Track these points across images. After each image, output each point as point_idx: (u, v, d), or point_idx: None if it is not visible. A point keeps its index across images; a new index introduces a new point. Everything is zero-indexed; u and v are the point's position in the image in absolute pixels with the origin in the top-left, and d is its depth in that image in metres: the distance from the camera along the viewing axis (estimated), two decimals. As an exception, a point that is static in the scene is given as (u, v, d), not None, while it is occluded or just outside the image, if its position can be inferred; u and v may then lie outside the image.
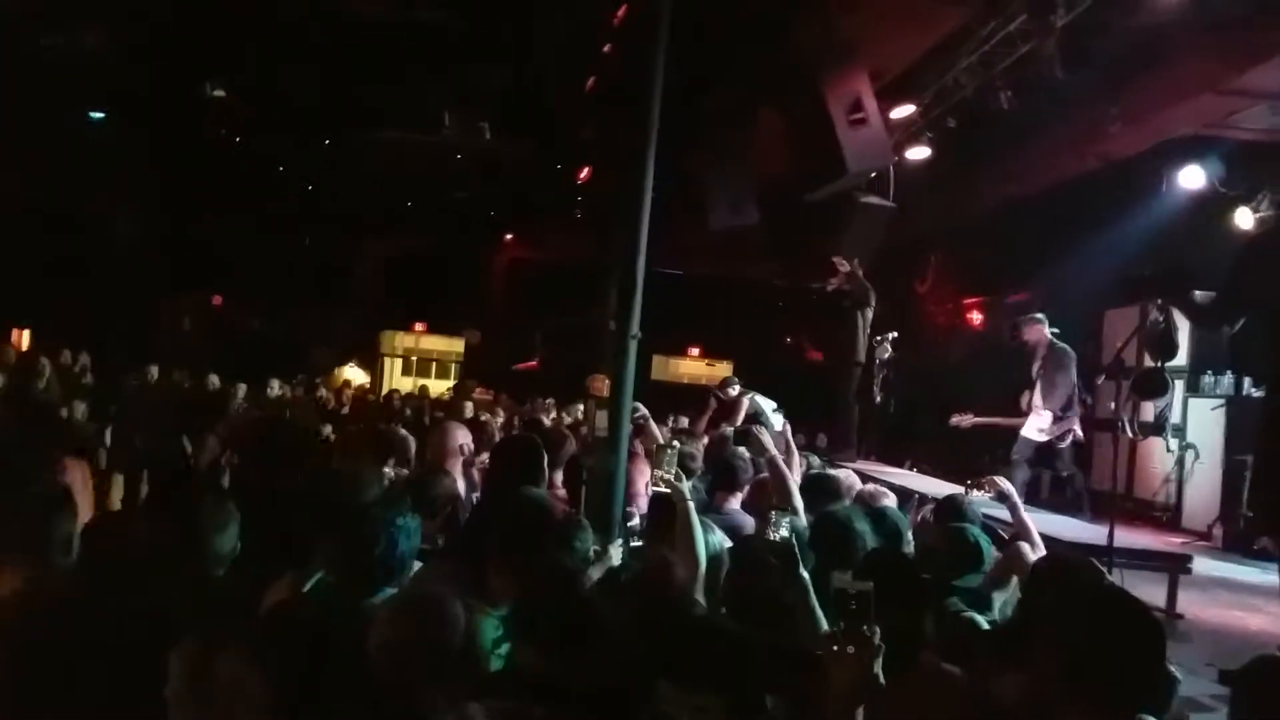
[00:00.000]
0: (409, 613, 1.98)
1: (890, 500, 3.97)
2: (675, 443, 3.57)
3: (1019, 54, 6.99)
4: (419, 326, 18.32)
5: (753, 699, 1.98)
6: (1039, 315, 7.45)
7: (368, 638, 1.96)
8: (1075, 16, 6.50)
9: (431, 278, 16.76)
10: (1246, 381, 7.32)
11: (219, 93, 11.67)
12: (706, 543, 3.09)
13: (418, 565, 2.63)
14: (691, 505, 3.07)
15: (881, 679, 1.78)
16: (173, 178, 13.15)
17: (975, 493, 4.02)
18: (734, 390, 9.43)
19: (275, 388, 10.00)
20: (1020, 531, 3.77)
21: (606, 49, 7.30)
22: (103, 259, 13.81)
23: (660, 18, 3.83)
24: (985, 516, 4.19)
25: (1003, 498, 3.88)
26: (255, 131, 12.81)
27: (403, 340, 18.53)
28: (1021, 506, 3.90)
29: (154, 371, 8.99)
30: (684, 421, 8.57)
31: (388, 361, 18.41)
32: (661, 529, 3.22)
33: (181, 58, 10.54)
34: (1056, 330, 7.31)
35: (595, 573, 2.95)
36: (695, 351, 17.28)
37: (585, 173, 11.67)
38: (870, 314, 8.64)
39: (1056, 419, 7.03)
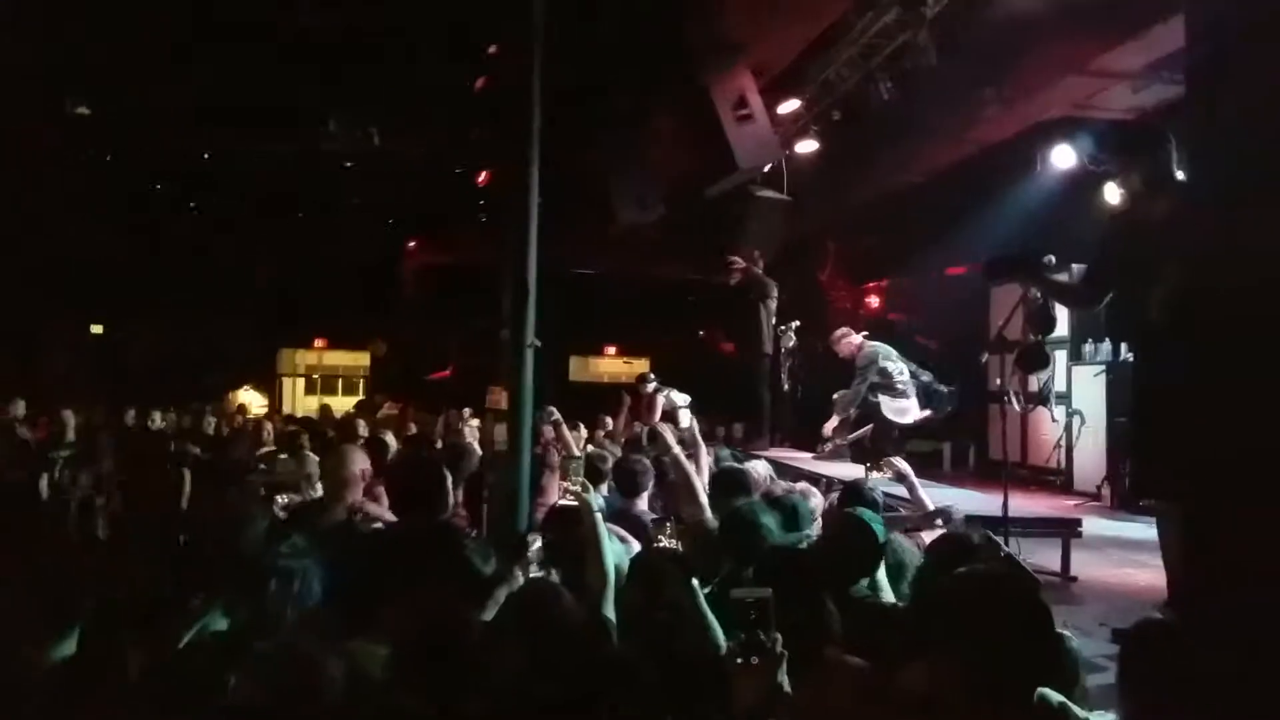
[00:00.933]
0: (274, 666, 1.88)
1: (765, 482, 4.01)
2: (578, 453, 3.54)
3: (895, 45, 7.19)
4: (320, 342, 17.72)
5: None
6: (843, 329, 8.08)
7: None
8: (946, 6, 6.72)
9: (330, 290, 16.24)
10: (1123, 348, 7.72)
11: (82, 110, 11.03)
12: (627, 551, 3.07)
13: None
14: (599, 517, 3.03)
15: (787, 688, 1.77)
16: (42, 202, 12.39)
17: (874, 474, 4.14)
18: (650, 387, 9.48)
19: (157, 419, 9.53)
20: (918, 509, 3.89)
21: (492, 50, 7.18)
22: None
23: (536, 17, 3.79)
24: (887, 496, 4.31)
25: (901, 478, 4.00)
26: (127, 148, 12.17)
27: (304, 358, 17.88)
28: (919, 485, 4.02)
29: (19, 408, 8.41)
30: (609, 423, 8.55)
31: (287, 381, 17.76)
32: (568, 544, 3.17)
33: (39, 74, 9.93)
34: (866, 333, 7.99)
35: (501, 594, 2.89)
36: (612, 350, 17.26)
37: (484, 176, 11.49)
38: (773, 305, 8.80)
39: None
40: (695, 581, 2.52)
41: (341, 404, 15.79)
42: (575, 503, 3.00)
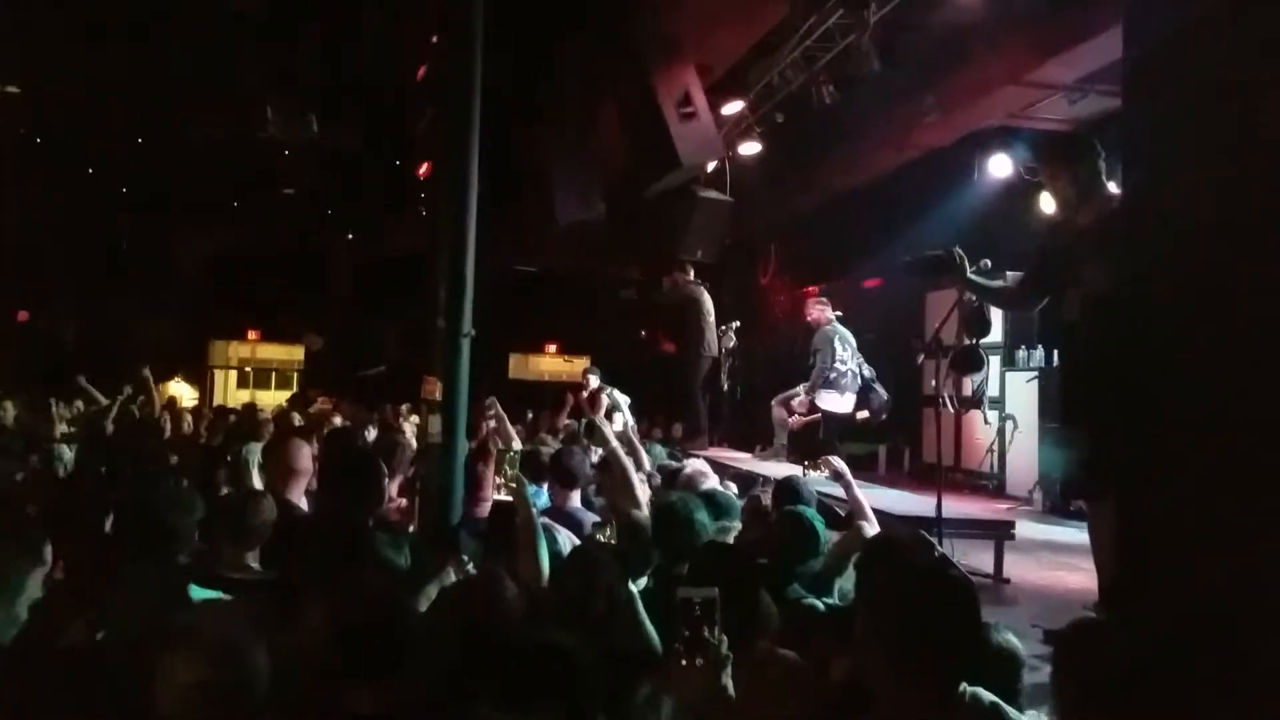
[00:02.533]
0: (194, 657, 1.79)
1: (712, 481, 3.99)
2: (516, 447, 3.47)
3: (838, 49, 7.25)
4: (253, 334, 17.25)
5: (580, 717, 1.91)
6: (823, 298, 8.12)
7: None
8: (888, 11, 6.80)
9: (266, 282, 15.79)
10: (1055, 354, 7.92)
11: (11, 89, 10.55)
12: (560, 545, 3.01)
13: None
14: (535, 513, 2.97)
15: (730, 690, 1.73)
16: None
17: (811, 473, 4.13)
18: (594, 380, 9.42)
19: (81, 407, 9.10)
20: (855, 508, 3.89)
21: (434, 39, 7.03)
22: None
23: (475, 8, 3.68)
24: (822, 495, 4.31)
25: (837, 476, 4.00)
26: (58, 130, 11.67)
27: (236, 350, 17.40)
28: (855, 484, 4.03)
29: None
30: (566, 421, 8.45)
31: (219, 374, 17.25)
32: (503, 538, 3.10)
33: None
34: (840, 314, 8.00)
35: (432, 590, 2.81)
36: (553, 348, 17.14)
37: (425, 168, 11.27)
38: (708, 310, 8.80)
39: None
40: (631, 581, 2.47)
41: (274, 398, 15.40)
42: (510, 498, 2.93)
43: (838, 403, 7.60)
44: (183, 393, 15.17)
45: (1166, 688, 1.50)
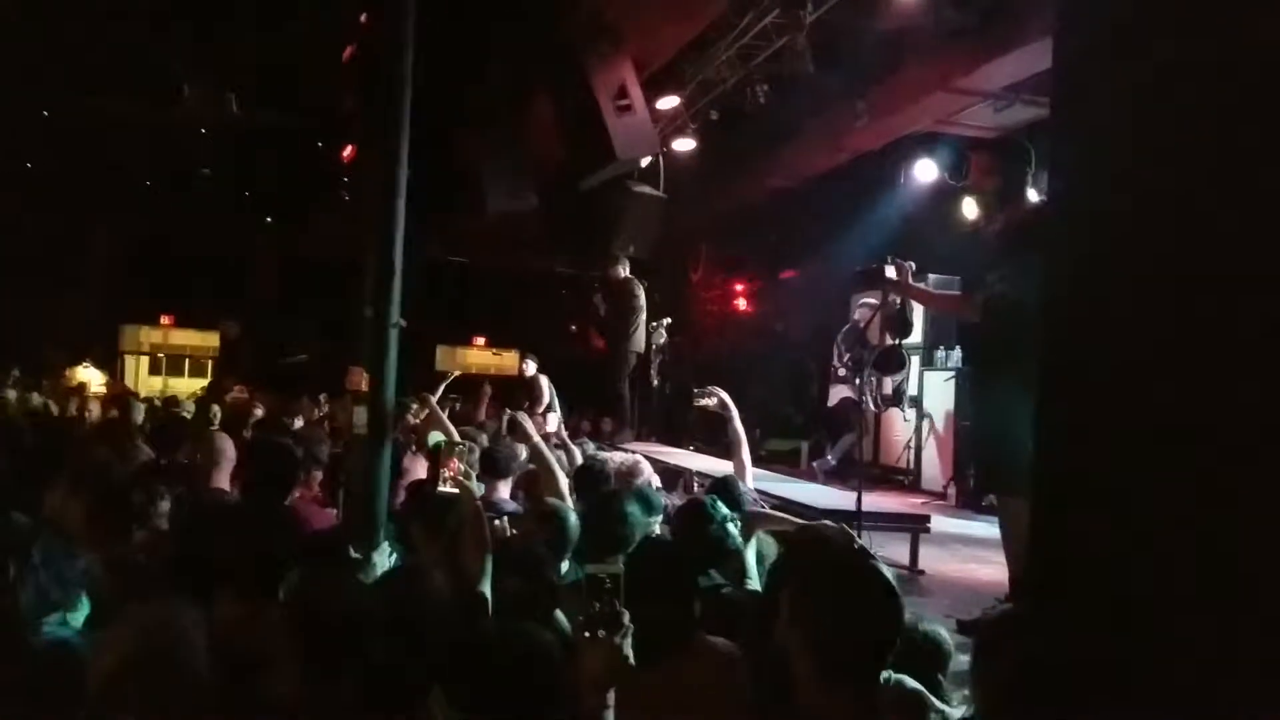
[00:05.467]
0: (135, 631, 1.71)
1: (647, 474, 4.01)
2: (438, 437, 3.40)
3: (773, 49, 7.33)
4: (166, 319, 16.57)
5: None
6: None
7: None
8: (824, 13, 6.91)
9: (179, 266, 15.19)
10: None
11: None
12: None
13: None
14: (479, 505, 2.93)
15: (631, 660, 1.76)
16: None
17: (701, 401, 4.26)
18: (531, 367, 9.32)
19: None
20: (733, 441, 4.01)
21: (363, 18, 6.86)
22: None
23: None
24: (762, 494, 4.36)
25: (724, 407, 4.11)
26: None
27: (148, 335, 16.69)
28: (737, 417, 4.13)
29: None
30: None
31: (130, 360, 16.53)
32: (430, 531, 3.04)
33: None
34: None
35: (358, 581, 2.74)
36: (481, 341, 16.93)
37: (349, 151, 10.99)
38: (641, 305, 8.77)
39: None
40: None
41: (188, 385, 14.85)
42: (456, 490, 2.88)
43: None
44: (92, 378, 14.51)
45: (1083, 675, 1.55)
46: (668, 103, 8.56)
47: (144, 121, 11.25)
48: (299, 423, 7.78)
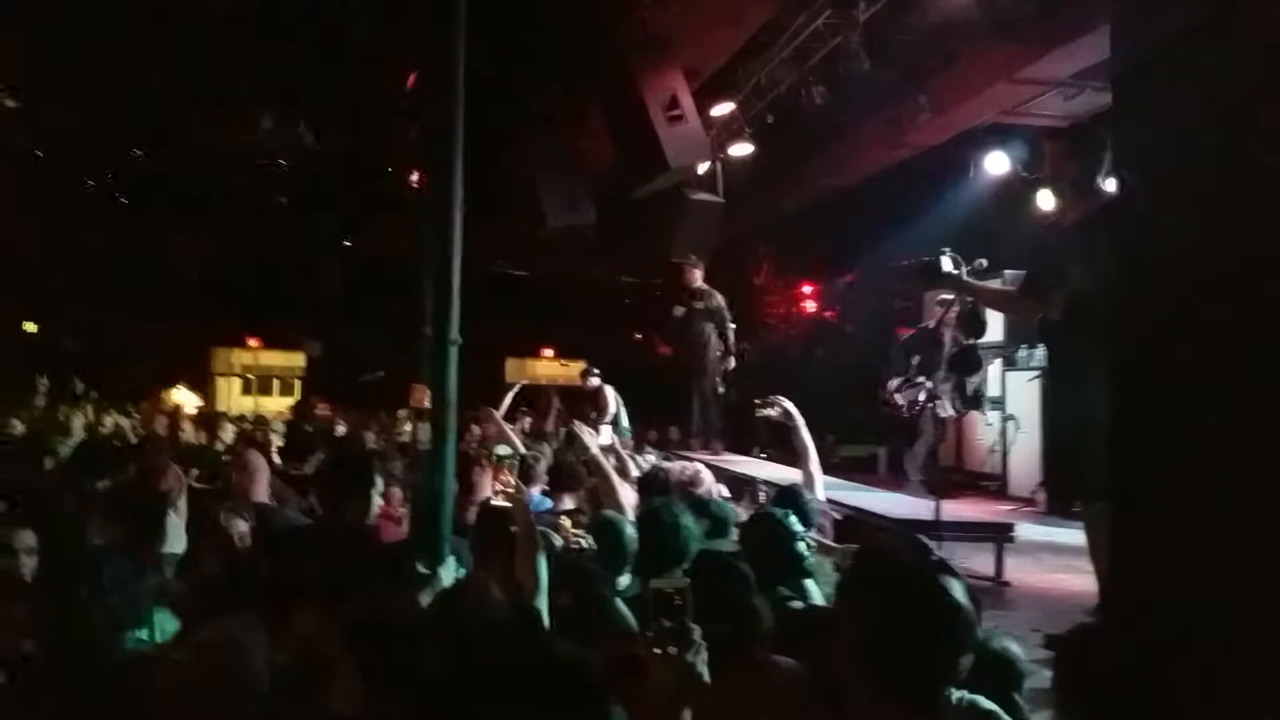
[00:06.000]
0: (201, 657, 1.75)
1: (708, 483, 3.95)
2: (504, 450, 3.41)
3: (828, 49, 7.22)
4: (254, 342, 17.27)
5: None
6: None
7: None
8: (877, 11, 6.76)
9: (266, 290, 15.82)
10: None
11: (9, 102, 10.54)
12: (549, 548, 2.97)
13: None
14: (532, 519, 2.93)
15: (706, 677, 1.72)
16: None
17: (764, 411, 4.15)
18: (594, 381, 9.34)
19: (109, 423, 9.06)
20: (800, 452, 3.90)
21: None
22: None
23: (457, 9, 3.64)
24: (833, 504, 4.27)
25: (788, 416, 3.99)
26: (55, 141, 11.67)
27: (240, 357, 17.44)
28: (803, 426, 4.00)
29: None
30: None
31: (223, 381, 17.27)
32: (493, 545, 3.06)
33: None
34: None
35: (424, 598, 2.78)
36: (549, 352, 17.12)
37: (417, 176, 11.26)
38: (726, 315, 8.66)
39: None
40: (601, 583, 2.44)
41: (277, 404, 15.42)
42: (508, 503, 2.89)
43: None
44: (186, 400, 15.18)
45: (1164, 694, 1.46)
46: (722, 108, 8.50)
47: (226, 153, 11.74)
48: (372, 438, 8.00)
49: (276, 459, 5.58)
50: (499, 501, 3.18)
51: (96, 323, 15.29)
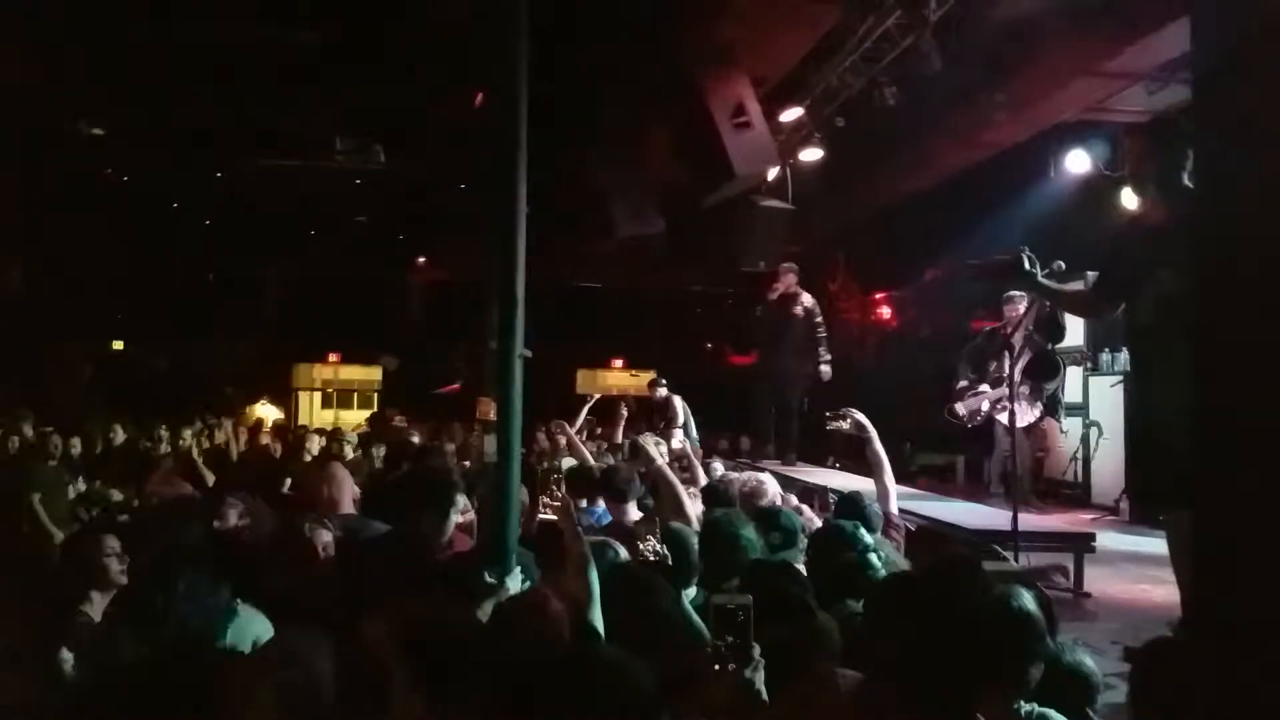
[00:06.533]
0: (262, 664, 1.81)
1: (771, 494, 3.89)
2: (552, 464, 3.44)
3: (899, 49, 7.07)
4: (333, 357, 17.84)
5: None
6: None
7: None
8: (949, 9, 6.61)
9: (343, 307, 16.35)
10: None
11: (96, 130, 11.14)
12: (611, 561, 2.98)
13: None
14: (580, 530, 2.95)
15: (764, 694, 1.71)
16: (59, 222, 12.55)
17: (835, 424, 4.07)
18: (662, 391, 9.33)
19: (187, 437, 9.46)
20: (873, 463, 3.81)
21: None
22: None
23: (518, 19, 3.69)
24: (906, 515, 4.16)
25: (860, 428, 3.90)
26: (141, 168, 12.29)
27: (320, 372, 18.04)
28: (876, 438, 3.90)
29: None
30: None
31: (304, 396, 17.88)
32: (551, 557, 3.08)
33: (54, 97, 10.03)
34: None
35: (487, 606, 2.81)
36: (619, 363, 17.21)
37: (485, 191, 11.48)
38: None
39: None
40: (673, 591, 2.43)
41: (356, 417, 15.87)
42: (554, 516, 2.91)
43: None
44: (269, 414, 15.79)
45: (1246, 713, 1.38)
46: (791, 114, 8.40)
47: (304, 175, 12.18)
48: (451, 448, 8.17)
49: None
50: (546, 515, 3.21)
51: (185, 343, 16.01)
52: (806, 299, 8.50)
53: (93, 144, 11.32)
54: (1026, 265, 3.80)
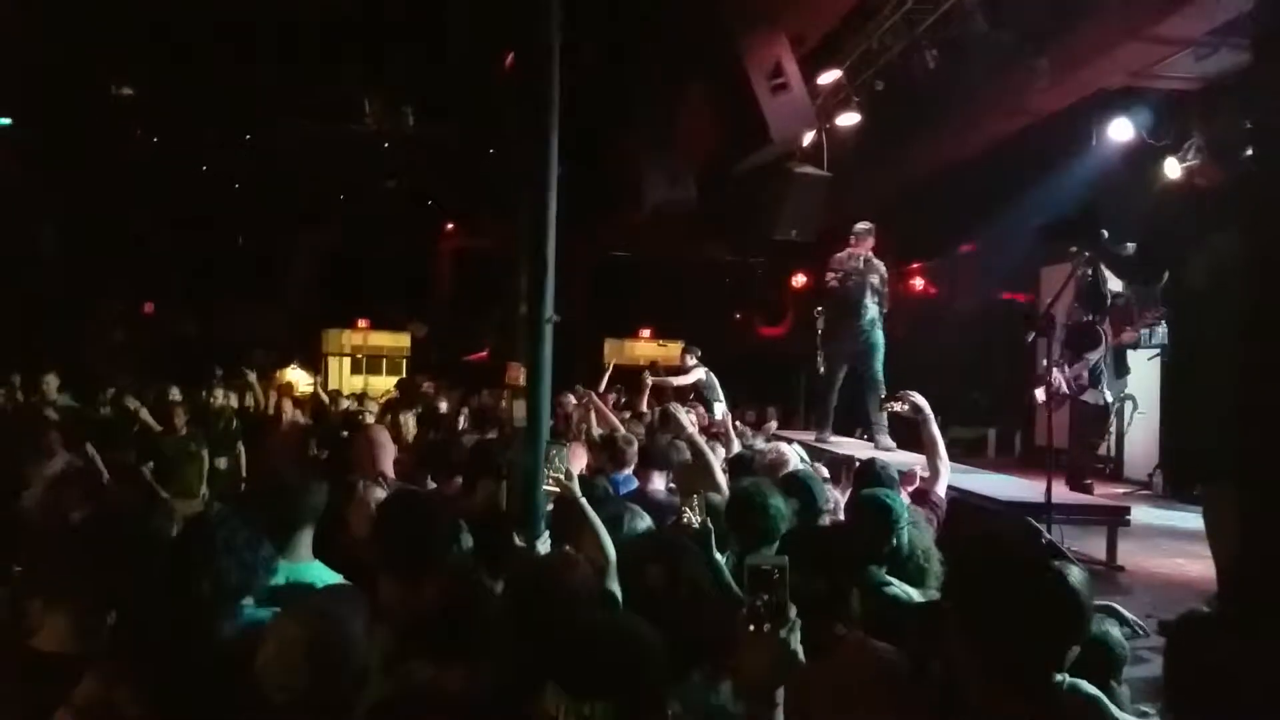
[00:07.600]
0: (302, 630, 1.82)
1: (792, 466, 3.87)
2: (560, 443, 3.48)
3: (941, 11, 6.89)
4: (363, 323, 17.98)
5: (647, 704, 1.86)
6: None
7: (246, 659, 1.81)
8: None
9: (372, 272, 16.43)
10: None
11: (128, 91, 11.23)
12: (631, 528, 3.00)
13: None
14: (584, 501, 2.97)
15: (800, 654, 1.71)
16: (91, 182, 12.68)
17: (891, 406, 4.04)
18: (692, 360, 9.27)
19: (220, 397, 9.57)
20: (928, 445, 3.78)
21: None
22: (23, 271, 13.24)
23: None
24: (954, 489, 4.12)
25: (916, 410, 3.88)
26: (172, 129, 12.38)
27: (349, 338, 18.20)
28: (933, 420, 3.87)
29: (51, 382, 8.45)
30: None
31: (334, 361, 18.06)
32: (568, 528, 3.12)
33: (87, 58, 10.10)
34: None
35: (517, 568, 2.84)
36: (647, 333, 17.18)
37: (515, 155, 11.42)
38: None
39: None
40: (719, 557, 2.43)
41: (385, 383, 16.02)
42: (556, 488, 2.96)
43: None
44: (299, 379, 15.96)
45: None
46: (828, 77, 8.17)
47: (333, 139, 12.21)
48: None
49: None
50: (549, 488, 3.26)
51: (215, 307, 16.18)
52: (880, 265, 7.94)
53: (124, 105, 11.40)
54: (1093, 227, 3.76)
